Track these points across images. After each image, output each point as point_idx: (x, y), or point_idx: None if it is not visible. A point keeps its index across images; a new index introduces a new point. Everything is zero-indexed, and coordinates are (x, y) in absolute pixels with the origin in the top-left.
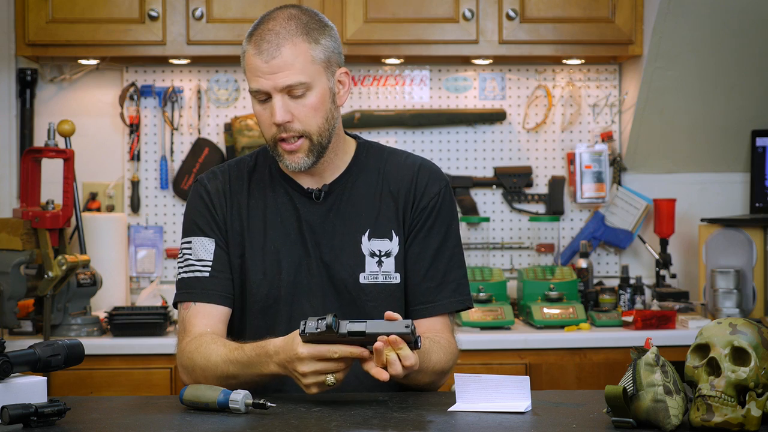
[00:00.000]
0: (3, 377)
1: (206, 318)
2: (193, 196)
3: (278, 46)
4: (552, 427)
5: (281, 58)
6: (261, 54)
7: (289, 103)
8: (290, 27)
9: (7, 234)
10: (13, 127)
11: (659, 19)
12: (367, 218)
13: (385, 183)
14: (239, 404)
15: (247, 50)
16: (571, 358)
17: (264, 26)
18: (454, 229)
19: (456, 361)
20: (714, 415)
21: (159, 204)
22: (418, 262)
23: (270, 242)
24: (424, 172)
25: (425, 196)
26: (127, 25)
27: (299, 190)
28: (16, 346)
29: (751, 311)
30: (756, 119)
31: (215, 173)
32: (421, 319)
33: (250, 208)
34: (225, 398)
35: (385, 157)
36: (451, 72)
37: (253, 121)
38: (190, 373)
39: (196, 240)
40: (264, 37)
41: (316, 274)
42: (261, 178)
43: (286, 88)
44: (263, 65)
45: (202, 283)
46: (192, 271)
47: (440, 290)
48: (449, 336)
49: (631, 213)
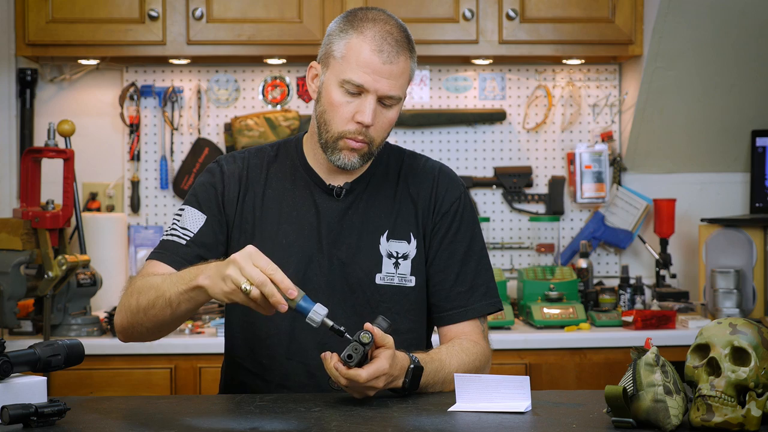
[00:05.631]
0: (3, 377)
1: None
2: (207, 172)
3: (397, 54)
4: (552, 427)
5: (397, 66)
6: (381, 53)
7: (376, 108)
8: (404, 38)
9: (7, 234)
10: (13, 127)
11: (659, 19)
12: (386, 219)
13: (405, 185)
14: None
15: (360, 42)
16: (571, 358)
17: (381, 27)
18: (479, 233)
19: (488, 361)
20: (714, 415)
21: (159, 204)
22: (447, 267)
23: (282, 235)
24: (444, 177)
25: (446, 200)
26: (127, 25)
27: (321, 185)
28: (16, 346)
29: (751, 311)
30: (756, 119)
31: (234, 157)
32: (453, 325)
33: (266, 198)
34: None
35: (405, 160)
36: (451, 72)
37: (253, 121)
38: (128, 298)
39: (189, 209)
40: (386, 38)
41: (327, 271)
42: (281, 169)
43: (387, 96)
44: (380, 65)
45: (175, 247)
46: (172, 235)
47: (471, 294)
48: (479, 338)
49: (631, 213)
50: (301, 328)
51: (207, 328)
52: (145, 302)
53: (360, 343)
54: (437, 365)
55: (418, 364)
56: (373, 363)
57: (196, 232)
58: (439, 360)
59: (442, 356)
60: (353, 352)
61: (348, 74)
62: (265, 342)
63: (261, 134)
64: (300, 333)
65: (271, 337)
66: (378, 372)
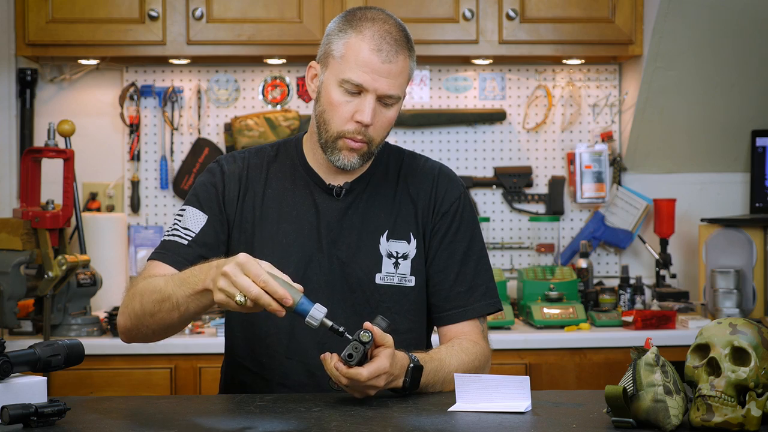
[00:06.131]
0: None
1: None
2: (207, 172)
3: (396, 53)
4: (552, 427)
5: (397, 65)
6: (380, 52)
7: (376, 108)
8: (402, 38)
9: (7, 234)
10: (13, 127)
11: (659, 19)
12: (386, 219)
13: (405, 185)
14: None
15: (359, 41)
16: (571, 358)
17: (380, 26)
18: (478, 234)
19: (487, 361)
20: (714, 415)
21: (159, 204)
22: (447, 267)
23: (282, 234)
24: (443, 177)
25: (446, 200)
26: (127, 25)
27: (321, 185)
28: (16, 346)
29: (751, 311)
30: (756, 119)
31: (235, 157)
32: (452, 325)
33: (266, 198)
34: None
35: (404, 160)
36: (451, 72)
37: (253, 121)
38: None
39: (190, 209)
40: (384, 37)
41: (327, 271)
42: (281, 169)
43: (386, 96)
44: (380, 64)
45: (176, 247)
46: (174, 235)
47: (470, 294)
48: (479, 338)
49: (631, 213)
50: (301, 327)
51: (207, 328)
52: (150, 305)
53: (360, 342)
54: (437, 365)
55: (418, 364)
56: (374, 362)
57: (198, 232)
58: (439, 359)
59: (441, 356)
60: (353, 351)
61: (347, 74)
62: (264, 341)
63: (261, 134)
64: (300, 332)
65: (270, 336)
66: (379, 371)
